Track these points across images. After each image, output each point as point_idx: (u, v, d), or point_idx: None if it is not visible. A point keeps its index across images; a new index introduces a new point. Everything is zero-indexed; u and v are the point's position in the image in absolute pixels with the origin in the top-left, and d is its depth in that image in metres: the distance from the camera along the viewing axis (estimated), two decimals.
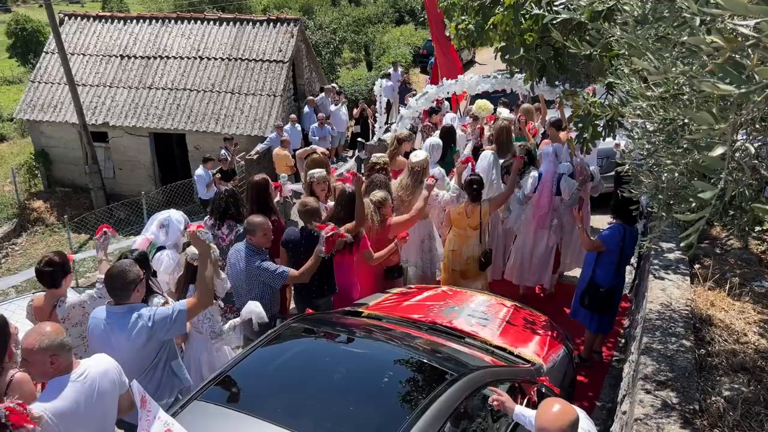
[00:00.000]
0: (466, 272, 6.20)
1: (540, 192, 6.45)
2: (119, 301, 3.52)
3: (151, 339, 3.50)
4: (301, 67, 16.82)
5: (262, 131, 14.30)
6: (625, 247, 5.38)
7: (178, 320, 3.53)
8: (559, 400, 2.74)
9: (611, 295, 5.55)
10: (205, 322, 4.25)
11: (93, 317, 3.63)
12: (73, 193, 15.62)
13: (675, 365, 3.13)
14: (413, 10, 40.85)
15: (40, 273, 3.99)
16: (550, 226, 6.62)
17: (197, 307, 3.68)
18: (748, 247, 4.95)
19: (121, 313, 3.49)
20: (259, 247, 4.78)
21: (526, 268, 6.78)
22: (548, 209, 6.51)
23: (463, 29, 6.17)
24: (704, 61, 1.23)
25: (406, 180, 6.18)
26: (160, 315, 3.51)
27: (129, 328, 3.44)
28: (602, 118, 3.64)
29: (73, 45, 15.91)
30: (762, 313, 3.89)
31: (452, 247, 6.23)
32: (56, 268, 3.97)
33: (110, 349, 3.42)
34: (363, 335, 4.17)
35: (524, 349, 4.40)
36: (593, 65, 4.58)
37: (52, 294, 4.02)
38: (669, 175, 2.84)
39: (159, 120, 14.90)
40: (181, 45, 15.85)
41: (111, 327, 3.48)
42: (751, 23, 1.04)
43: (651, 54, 1.71)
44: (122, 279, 3.48)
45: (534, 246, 6.66)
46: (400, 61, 21.99)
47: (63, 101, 15.28)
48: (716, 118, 1.20)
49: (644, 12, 1.79)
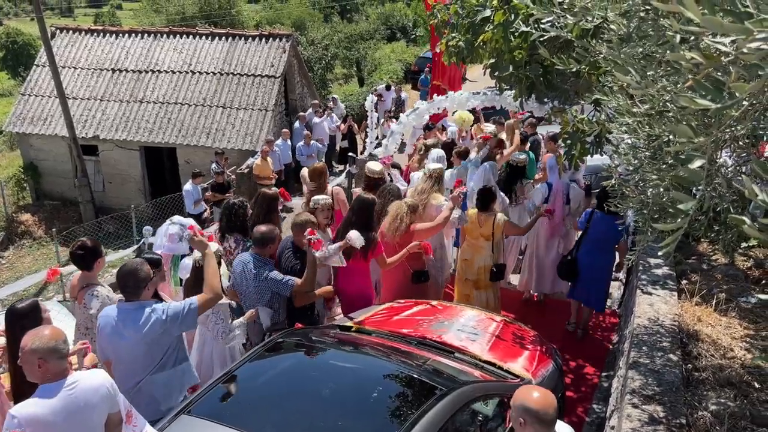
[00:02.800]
0: (478, 282, 6.27)
1: (553, 201, 6.73)
2: (130, 297, 3.62)
3: (165, 332, 3.59)
4: (293, 82, 16.89)
5: (253, 145, 14.31)
6: (589, 227, 6.26)
7: (190, 315, 3.64)
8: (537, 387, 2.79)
9: (573, 265, 6.40)
10: (218, 323, 4.37)
11: (103, 316, 3.70)
12: (62, 207, 15.50)
13: (662, 380, 3.15)
14: (405, 27, 41.25)
15: (72, 255, 4.37)
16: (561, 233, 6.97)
17: (208, 302, 3.79)
18: (734, 263, 5.01)
19: (132, 309, 3.58)
20: (267, 258, 4.83)
21: (542, 275, 7.11)
22: (560, 217, 6.85)
23: (454, 46, 6.25)
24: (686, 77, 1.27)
25: (422, 185, 6.30)
26: (173, 309, 3.62)
27: (142, 322, 3.52)
28: (590, 135, 3.68)
29: (65, 58, 15.89)
30: (748, 329, 3.92)
31: (465, 256, 6.32)
32: (87, 252, 4.30)
33: (121, 345, 3.55)
34: (352, 349, 4.16)
35: (513, 364, 4.41)
36: (581, 82, 4.64)
37: (84, 276, 4.40)
38: (654, 190, 2.88)
39: (150, 134, 14.87)
40: (172, 59, 15.88)
41: (123, 323, 3.55)
42: (727, 40, 1.07)
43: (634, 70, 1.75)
44: (134, 276, 3.58)
45: (546, 254, 6.98)
46: (392, 77, 22.17)
47: (53, 114, 15.22)
48: (695, 131, 1.23)
49: (629, 30, 1.84)
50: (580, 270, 6.37)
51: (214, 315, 4.34)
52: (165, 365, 3.67)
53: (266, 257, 4.83)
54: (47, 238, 14.05)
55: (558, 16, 2.33)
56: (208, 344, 4.56)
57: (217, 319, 4.36)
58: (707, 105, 1.11)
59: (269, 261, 4.85)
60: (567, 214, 6.95)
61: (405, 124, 8.11)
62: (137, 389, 3.62)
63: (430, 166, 6.40)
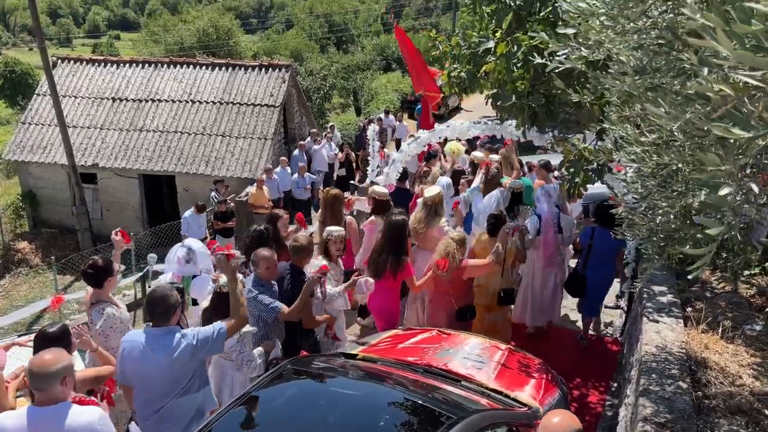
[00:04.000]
0: (490, 306, 6.29)
1: (545, 231, 6.71)
2: (158, 323, 3.65)
3: (194, 357, 3.63)
4: (291, 112, 17.06)
5: (252, 173, 14.38)
6: (593, 244, 6.47)
7: (219, 339, 3.72)
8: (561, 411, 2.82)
9: (582, 282, 6.62)
10: (243, 351, 4.39)
11: (128, 340, 3.72)
12: (59, 234, 15.48)
13: (674, 407, 3.15)
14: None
15: (84, 274, 4.49)
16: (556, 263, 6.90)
17: (236, 327, 3.89)
18: (738, 290, 5.03)
19: (161, 334, 3.62)
20: (264, 280, 4.86)
21: (537, 308, 6.99)
22: (555, 247, 6.82)
23: (455, 77, 6.35)
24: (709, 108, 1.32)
25: (420, 214, 6.43)
26: (203, 334, 3.69)
27: (173, 347, 3.56)
28: (594, 162, 3.74)
29: (65, 87, 16.04)
30: (755, 356, 3.93)
31: (478, 282, 6.31)
32: (97, 271, 4.41)
33: (148, 370, 3.57)
34: (359, 377, 4.14)
35: (520, 393, 4.38)
36: (584, 113, 4.73)
37: (95, 293, 4.51)
38: (663, 218, 2.93)
39: (149, 162, 14.94)
40: (173, 88, 16.05)
41: (151, 347, 3.58)
42: (758, 74, 1.12)
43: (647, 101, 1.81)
44: (165, 303, 3.64)
45: (543, 285, 6.89)
46: (389, 106, 22.45)
47: (53, 142, 15.30)
48: (722, 159, 1.28)
49: (642, 63, 1.90)
50: (588, 286, 6.60)
51: (238, 344, 4.35)
52: (189, 389, 3.70)
53: (265, 280, 4.89)
54: (44, 266, 13.99)
55: (573, 49, 2.40)
56: (228, 374, 4.55)
57: (241, 347, 4.37)
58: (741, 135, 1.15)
59: (266, 284, 4.89)
60: (561, 243, 6.93)
61: (406, 152, 8.20)
62: (161, 413, 3.64)
63: (426, 194, 6.49)
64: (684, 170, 2.59)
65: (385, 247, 5.62)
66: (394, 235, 5.60)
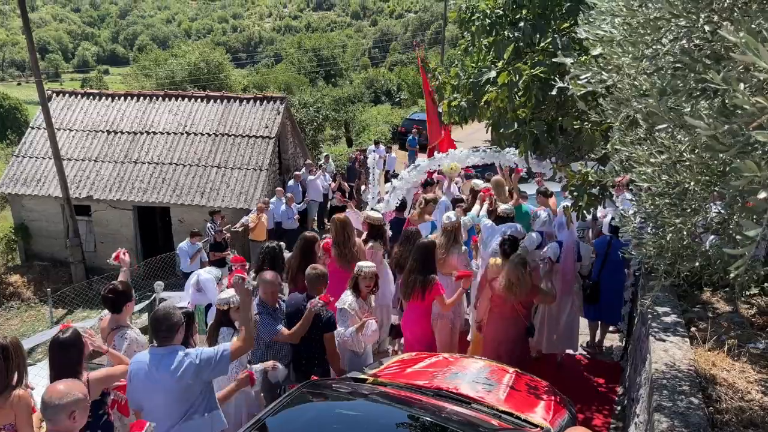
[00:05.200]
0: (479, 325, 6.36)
1: (564, 259, 6.83)
2: (163, 342, 3.66)
3: (197, 377, 3.61)
4: (286, 143, 17.23)
5: (247, 204, 14.44)
6: (610, 252, 6.81)
7: (223, 361, 3.68)
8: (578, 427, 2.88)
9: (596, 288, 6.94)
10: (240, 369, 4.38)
11: (134, 362, 3.73)
12: (52, 267, 15.35)
13: (689, 422, 3.21)
14: (389, 91, 42.52)
15: (104, 299, 4.51)
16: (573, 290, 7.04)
17: (241, 350, 3.85)
18: (738, 310, 5.14)
19: (165, 354, 3.62)
20: (264, 303, 4.98)
21: (555, 335, 7.07)
22: (573, 275, 6.97)
23: (455, 106, 6.53)
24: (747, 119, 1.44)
25: (441, 239, 6.61)
26: (206, 354, 3.67)
27: (175, 366, 3.55)
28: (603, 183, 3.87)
29: (60, 120, 16.11)
30: (761, 373, 4.02)
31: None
32: (117, 296, 4.43)
33: (153, 390, 3.57)
34: (372, 401, 4.16)
35: (531, 414, 4.42)
36: (585, 138, 4.89)
37: (114, 318, 4.52)
38: (674, 236, 3.04)
39: (144, 193, 14.96)
40: (168, 121, 16.18)
41: (156, 367, 3.58)
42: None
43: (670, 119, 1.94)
44: (168, 320, 3.65)
45: (559, 312, 6.97)
46: (380, 137, 22.77)
47: (47, 175, 15.30)
48: (760, 166, 1.39)
49: (663, 85, 2.04)
50: (602, 292, 6.89)
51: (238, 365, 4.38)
52: (195, 412, 3.67)
53: (268, 303, 5.01)
54: (36, 300, 13.84)
55: (594, 74, 2.54)
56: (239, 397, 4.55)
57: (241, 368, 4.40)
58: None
59: (269, 306, 5.03)
60: (578, 271, 7.08)
61: (406, 180, 8.34)
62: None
63: (444, 221, 6.65)
64: (695, 188, 2.71)
65: (414, 268, 5.84)
66: (422, 256, 5.83)
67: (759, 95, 1.37)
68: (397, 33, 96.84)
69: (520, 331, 5.99)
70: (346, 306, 5.29)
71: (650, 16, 2.02)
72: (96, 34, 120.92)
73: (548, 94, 5.06)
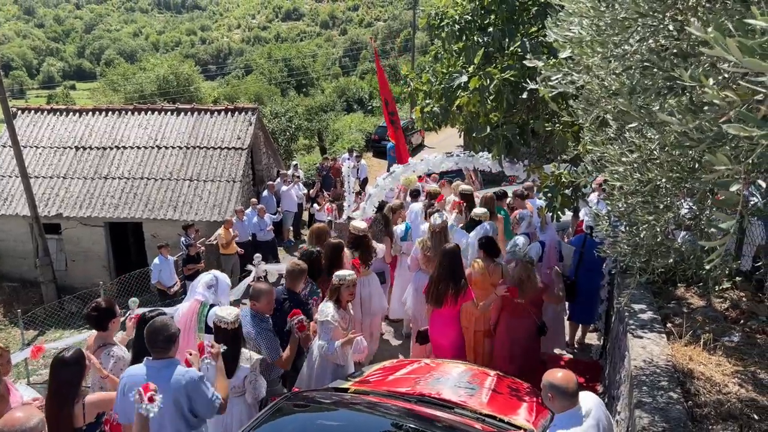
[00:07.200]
0: (488, 331, 6.34)
1: (547, 259, 6.94)
2: (160, 355, 3.61)
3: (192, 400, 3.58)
4: (259, 154, 17.10)
5: (221, 216, 14.27)
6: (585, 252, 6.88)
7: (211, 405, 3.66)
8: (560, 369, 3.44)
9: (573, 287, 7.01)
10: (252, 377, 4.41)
11: (128, 375, 3.65)
12: (22, 288, 14.95)
13: (669, 417, 3.25)
14: (361, 99, 42.62)
15: (87, 317, 4.49)
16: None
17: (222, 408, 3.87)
18: (712, 305, 5.23)
19: (163, 366, 3.57)
20: (262, 313, 4.93)
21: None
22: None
23: (428, 112, 6.55)
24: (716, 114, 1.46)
25: (428, 242, 6.71)
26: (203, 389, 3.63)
27: (176, 379, 3.52)
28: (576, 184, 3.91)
29: (26, 137, 15.76)
30: (737, 366, 4.08)
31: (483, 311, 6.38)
32: (101, 313, 4.42)
33: None
34: (356, 410, 4.13)
35: (515, 417, 4.43)
36: (557, 140, 4.95)
37: (99, 336, 4.51)
38: (647, 233, 3.07)
39: (115, 209, 14.70)
40: (138, 135, 15.93)
41: (154, 380, 3.51)
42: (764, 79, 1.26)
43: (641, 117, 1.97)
44: (165, 331, 3.61)
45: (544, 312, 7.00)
46: (354, 146, 22.78)
47: (14, 194, 14.94)
48: (730, 159, 1.41)
49: (632, 84, 2.07)
50: (579, 292, 6.97)
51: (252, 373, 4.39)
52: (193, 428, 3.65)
53: (262, 313, 4.96)
54: (5, 321, 13.47)
55: (564, 75, 2.56)
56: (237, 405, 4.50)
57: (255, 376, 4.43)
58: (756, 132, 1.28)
59: (265, 317, 4.98)
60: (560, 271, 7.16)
61: (382, 186, 8.33)
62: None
63: (432, 222, 6.70)
64: (666, 185, 2.75)
65: (443, 275, 5.85)
66: (450, 262, 5.86)
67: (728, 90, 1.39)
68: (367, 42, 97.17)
69: (531, 330, 6.07)
70: (329, 318, 5.23)
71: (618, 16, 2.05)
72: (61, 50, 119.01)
73: (519, 97, 5.11)
